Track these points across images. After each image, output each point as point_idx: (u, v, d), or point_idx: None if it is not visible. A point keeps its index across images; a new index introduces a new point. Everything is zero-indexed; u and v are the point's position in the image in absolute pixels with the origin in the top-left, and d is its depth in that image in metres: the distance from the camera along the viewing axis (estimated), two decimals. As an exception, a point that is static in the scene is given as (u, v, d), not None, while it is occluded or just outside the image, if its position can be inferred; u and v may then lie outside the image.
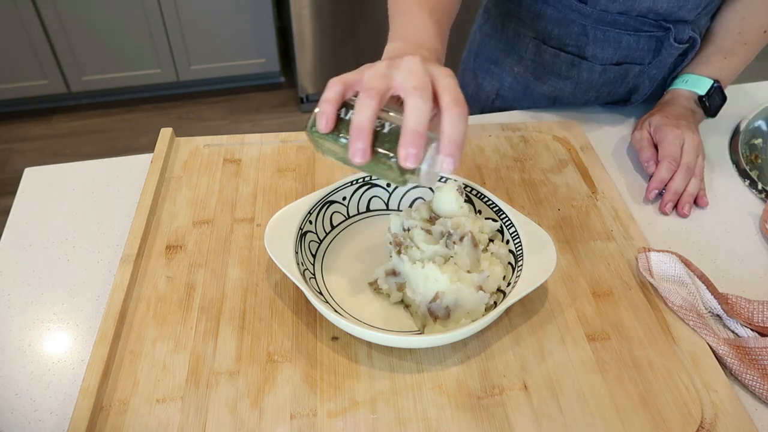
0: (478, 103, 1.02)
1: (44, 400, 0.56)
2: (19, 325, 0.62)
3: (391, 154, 0.50)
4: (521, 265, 0.60)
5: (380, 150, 0.50)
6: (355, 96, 0.52)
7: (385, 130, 0.50)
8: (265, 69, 2.53)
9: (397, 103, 0.51)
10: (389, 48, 0.59)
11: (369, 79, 0.51)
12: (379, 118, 0.50)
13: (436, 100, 0.50)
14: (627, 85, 0.91)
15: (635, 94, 0.91)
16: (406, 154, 0.48)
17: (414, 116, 0.48)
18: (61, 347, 0.60)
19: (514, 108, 0.95)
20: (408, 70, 0.50)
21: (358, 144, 0.49)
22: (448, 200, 0.64)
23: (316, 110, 0.51)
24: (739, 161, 0.85)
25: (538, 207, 0.74)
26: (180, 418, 0.53)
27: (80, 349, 0.60)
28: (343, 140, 0.51)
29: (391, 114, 0.51)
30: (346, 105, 0.52)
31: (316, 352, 0.58)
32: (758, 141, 0.92)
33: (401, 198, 0.71)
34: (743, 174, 0.83)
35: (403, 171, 0.50)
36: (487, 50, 0.97)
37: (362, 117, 0.48)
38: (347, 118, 0.51)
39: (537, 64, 0.92)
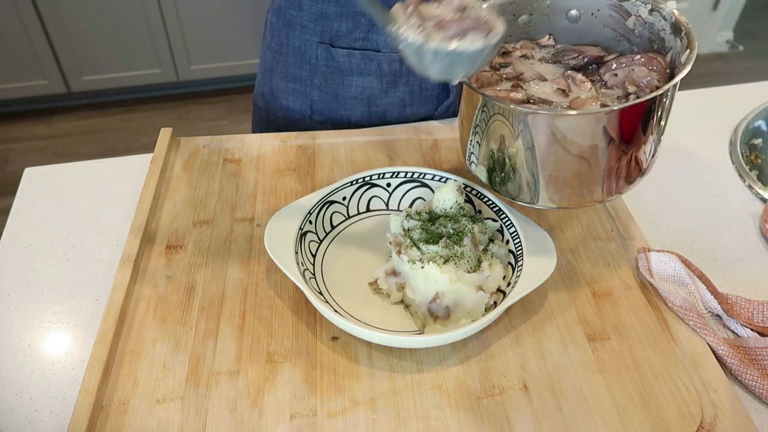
0: (293, 125, 0.93)
1: (44, 400, 0.56)
2: (19, 325, 0.62)
3: None
4: (521, 265, 0.60)
5: None
6: None
7: None
8: (265, 69, 2.53)
9: None
10: None
11: None
12: None
13: None
14: None
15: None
16: None
17: None
18: (61, 347, 0.60)
19: (333, 120, 0.89)
20: None
21: None
22: (448, 200, 0.64)
23: None
24: (739, 161, 0.85)
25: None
26: (180, 418, 0.53)
27: (80, 349, 0.60)
28: None
29: None
30: None
31: (316, 352, 0.58)
32: (758, 141, 0.92)
33: (401, 198, 0.71)
34: (743, 174, 0.83)
35: None
36: (280, 67, 0.91)
37: None
38: None
39: (333, 69, 0.86)
